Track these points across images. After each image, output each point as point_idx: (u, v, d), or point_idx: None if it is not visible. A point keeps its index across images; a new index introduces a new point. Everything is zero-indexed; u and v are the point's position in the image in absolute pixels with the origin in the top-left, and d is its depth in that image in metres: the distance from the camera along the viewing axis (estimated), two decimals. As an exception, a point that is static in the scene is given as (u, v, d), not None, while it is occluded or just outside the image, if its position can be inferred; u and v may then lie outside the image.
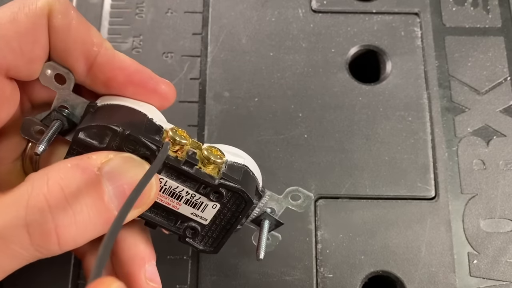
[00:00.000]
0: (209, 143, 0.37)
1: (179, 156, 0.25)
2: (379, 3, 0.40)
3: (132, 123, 0.25)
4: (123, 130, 0.24)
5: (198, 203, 0.27)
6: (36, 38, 0.24)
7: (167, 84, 0.28)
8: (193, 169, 0.25)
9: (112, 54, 0.26)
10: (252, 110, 0.37)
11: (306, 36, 0.40)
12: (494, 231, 0.35)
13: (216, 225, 0.28)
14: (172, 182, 0.26)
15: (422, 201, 0.35)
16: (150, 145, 0.25)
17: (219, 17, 0.40)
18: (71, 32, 0.25)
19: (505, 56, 0.39)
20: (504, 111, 0.38)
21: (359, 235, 0.34)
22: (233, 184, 0.26)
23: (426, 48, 0.39)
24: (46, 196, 0.22)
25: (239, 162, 0.27)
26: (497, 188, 0.36)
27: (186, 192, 0.26)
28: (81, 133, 0.25)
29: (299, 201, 0.29)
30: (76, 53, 0.25)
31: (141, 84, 0.27)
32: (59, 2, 0.25)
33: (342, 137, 0.37)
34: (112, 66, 0.26)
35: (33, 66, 0.25)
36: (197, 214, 0.27)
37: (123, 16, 0.40)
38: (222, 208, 0.27)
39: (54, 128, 0.26)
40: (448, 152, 0.37)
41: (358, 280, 0.34)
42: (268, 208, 0.29)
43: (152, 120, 0.26)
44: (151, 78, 0.27)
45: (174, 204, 0.27)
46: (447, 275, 0.34)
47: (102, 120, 0.25)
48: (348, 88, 0.38)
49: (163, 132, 0.26)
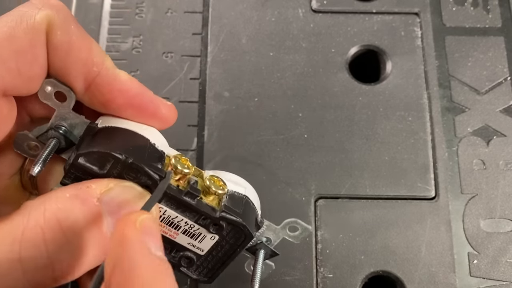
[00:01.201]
0: (209, 143, 0.37)
1: (180, 185, 0.24)
2: (379, 3, 0.40)
3: (134, 149, 0.24)
4: (126, 158, 0.23)
5: (196, 234, 0.26)
6: (34, 56, 0.23)
7: (168, 107, 0.26)
8: (195, 200, 0.25)
9: (113, 74, 0.25)
10: (252, 110, 0.37)
11: (306, 36, 0.40)
12: (494, 231, 0.35)
13: (212, 256, 0.27)
14: (171, 212, 0.25)
15: (422, 201, 0.35)
16: (153, 175, 0.24)
17: (219, 17, 0.40)
18: (71, 51, 0.24)
19: (505, 56, 0.39)
20: (504, 111, 0.38)
21: (359, 235, 0.34)
22: (235, 217, 0.25)
23: (426, 48, 0.39)
24: (43, 229, 0.21)
25: (240, 192, 0.27)
26: (497, 188, 0.36)
27: (185, 222, 0.25)
28: (81, 158, 0.24)
29: (297, 233, 0.28)
30: (75, 73, 0.24)
31: (141, 107, 0.25)
32: (59, 15, 0.23)
33: (342, 137, 0.37)
34: (112, 87, 0.25)
35: (31, 84, 0.24)
36: (194, 245, 0.27)
37: (123, 16, 0.40)
38: (220, 240, 0.26)
39: (51, 147, 0.25)
40: (448, 152, 0.37)
41: (358, 280, 0.34)
42: (264, 238, 0.28)
43: (154, 145, 0.25)
44: (152, 101, 0.26)
45: (171, 233, 0.26)
46: (447, 275, 0.34)
47: (103, 145, 0.24)
48: (348, 88, 0.38)
49: (165, 159, 0.25)
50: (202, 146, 0.36)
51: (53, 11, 0.23)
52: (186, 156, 0.36)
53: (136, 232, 0.19)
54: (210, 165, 0.36)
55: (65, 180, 0.24)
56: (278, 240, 0.28)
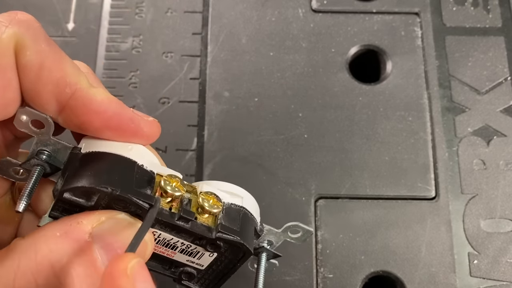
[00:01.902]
0: (209, 143, 0.37)
1: (173, 208, 0.24)
2: (379, 3, 0.40)
3: (121, 177, 0.23)
4: (112, 191, 0.22)
5: (194, 252, 0.25)
6: (6, 81, 0.21)
7: (149, 123, 0.25)
8: (189, 223, 0.24)
9: (88, 95, 0.23)
10: (252, 110, 0.37)
11: (306, 36, 0.40)
12: (495, 231, 0.35)
13: (213, 270, 0.27)
14: (167, 235, 0.24)
15: (423, 201, 0.35)
16: (141, 204, 0.23)
17: (219, 17, 0.40)
18: (42, 72, 0.22)
19: (505, 56, 0.39)
20: (505, 111, 0.38)
21: (359, 235, 0.34)
22: (231, 237, 0.24)
23: (427, 48, 0.39)
24: (34, 274, 0.20)
25: (237, 204, 0.25)
26: (497, 188, 0.36)
27: (181, 243, 0.25)
28: (66, 194, 0.23)
29: (299, 235, 0.28)
30: (46, 95, 0.22)
31: (120, 128, 0.24)
32: (28, 32, 0.21)
33: (342, 137, 0.37)
34: (87, 109, 0.23)
35: (7, 109, 0.22)
36: (193, 261, 0.26)
37: (123, 16, 0.40)
38: (219, 256, 0.25)
39: (35, 177, 0.24)
40: (448, 152, 0.36)
41: (358, 280, 0.33)
42: (266, 241, 0.28)
43: (142, 167, 0.24)
44: (131, 120, 0.24)
45: (168, 253, 0.25)
46: (448, 275, 0.34)
47: (87, 178, 0.22)
48: (348, 88, 0.38)
49: (154, 181, 0.24)
50: (202, 146, 0.36)
51: (22, 28, 0.21)
52: (186, 156, 0.36)
53: (129, 281, 0.19)
54: (210, 165, 0.36)
55: (53, 212, 0.23)
56: (280, 242, 0.28)
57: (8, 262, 0.21)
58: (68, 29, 0.40)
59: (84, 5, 0.40)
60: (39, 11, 0.40)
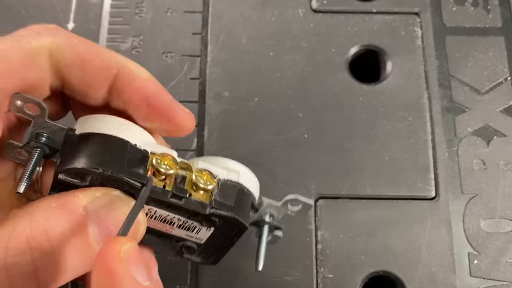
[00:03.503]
0: (209, 143, 0.37)
1: (166, 185, 0.24)
2: (379, 3, 0.40)
3: (113, 157, 0.23)
4: (103, 171, 0.23)
5: (191, 227, 0.26)
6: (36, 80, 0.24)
7: (185, 114, 0.26)
8: (182, 200, 0.24)
9: (132, 73, 0.25)
10: (252, 110, 0.37)
11: (306, 36, 0.39)
12: (495, 231, 0.35)
13: (212, 243, 0.27)
14: (162, 211, 0.25)
15: (423, 201, 0.35)
16: (133, 183, 0.23)
17: (219, 17, 0.40)
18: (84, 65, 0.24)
19: (505, 56, 0.39)
20: (505, 111, 0.38)
21: (359, 235, 0.34)
22: (225, 213, 0.25)
23: (427, 48, 0.39)
24: (28, 238, 0.21)
25: (233, 180, 0.26)
26: (497, 188, 0.36)
27: (178, 219, 0.25)
28: (61, 175, 0.23)
29: (299, 207, 0.28)
30: (96, 84, 0.25)
31: (158, 109, 0.25)
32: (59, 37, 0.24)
33: (342, 137, 0.37)
34: (131, 86, 0.25)
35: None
36: (191, 236, 0.26)
37: (123, 16, 0.40)
38: (216, 231, 0.26)
39: (34, 159, 0.25)
40: (448, 152, 0.36)
41: (358, 280, 0.33)
42: (267, 214, 0.28)
43: (135, 146, 0.24)
44: (169, 104, 0.26)
45: (167, 228, 0.26)
46: (448, 275, 0.34)
47: (79, 159, 0.23)
48: (348, 88, 0.38)
49: (148, 160, 0.24)
50: (202, 146, 0.36)
51: (52, 35, 0.24)
52: (186, 156, 0.36)
53: (123, 265, 0.19)
54: (210, 165, 0.36)
55: (52, 192, 0.24)
56: (281, 215, 0.28)
57: (4, 227, 0.21)
58: (68, 29, 0.40)
59: (84, 5, 0.40)
60: (39, 11, 0.40)
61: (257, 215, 0.28)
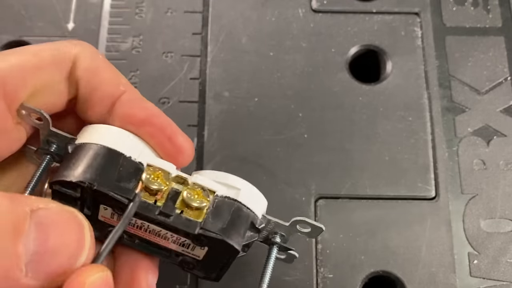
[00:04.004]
0: (209, 143, 0.37)
1: (158, 200, 0.23)
2: (379, 3, 0.40)
3: (103, 170, 0.23)
4: (90, 185, 0.22)
5: (186, 244, 0.25)
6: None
7: (185, 138, 0.26)
8: (170, 218, 0.23)
9: (138, 95, 0.27)
10: (252, 110, 0.37)
11: (306, 36, 0.40)
12: (495, 231, 0.35)
13: (210, 261, 0.26)
14: (155, 226, 0.24)
15: (423, 201, 0.35)
16: (119, 199, 0.23)
17: (219, 17, 0.40)
18: (99, 73, 0.26)
19: (505, 56, 0.39)
20: (505, 111, 0.38)
21: (359, 235, 0.34)
22: (213, 235, 0.23)
23: (427, 48, 0.39)
24: None
25: (231, 197, 0.25)
26: (497, 188, 0.36)
27: (171, 234, 0.24)
28: (54, 186, 0.24)
29: (308, 230, 0.27)
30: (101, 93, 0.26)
31: (159, 127, 0.26)
32: (86, 49, 0.26)
33: (342, 137, 0.37)
34: (135, 104, 0.26)
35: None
36: (188, 252, 0.26)
37: (123, 16, 0.40)
38: (210, 250, 0.25)
39: (41, 167, 0.26)
40: (448, 152, 0.37)
41: (358, 280, 0.33)
42: (278, 234, 0.27)
43: (130, 158, 0.24)
44: (171, 126, 0.26)
45: (163, 242, 0.25)
46: (447, 275, 0.34)
47: (69, 171, 0.23)
48: (348, 88, 0.38)
49: (142, 172, 0.24)
50: (202, 146, 0.36)
51: (83, 46, 0.26)
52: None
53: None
54: (210, 165, 0.36)
55: (54, 199, 0.24)
56: (291, 236, 0.27)
57: None
58: (68, 29, 0.40)
59: (84, 5, 0.40)
60: (39, 11, 0.40)
61: (261, 235, 0.27)
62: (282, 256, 0.28)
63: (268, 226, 0.26)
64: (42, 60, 0.25)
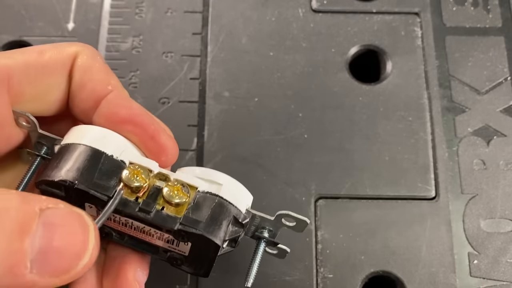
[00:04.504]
0: (209, 143, 0.37)
1: (139, 197, 0.24)
2: (379, 3, 0.40)
3: (84, 169, 0.24)
4: (70, 184, 0.23)
5: (170, 240, 0.25)
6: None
7: (169, 137, 0.27)
8: (150, 214, 0.24)
9: (124, 96, 0.27)
10: (252, 110, 0.37)
11: (306, 36, 0.40)
12: (495, 231, 0.35)
13: (195, 256, 0.26)
14: (138, 223, 0.24)
15: (423, 201, 0.35)
16: (99, 196, 0.23)
17: (219, 17, 0.40)
18: (91, 70, 0.27)
19: (505, 56, 0.39)
20: (505, 111, 0.38)
21: (359, 235, 0.34)
22: (193, 230, 0.24)
23: (427, 48, 0.39)
24: None
25: (213, 192, 0.25)
26: (497, 188, 0.36)
27: (155, 231, 0.25)
28: (40, 186, 0.24)
29: (294, 223, 0.27)
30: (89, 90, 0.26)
31: (141, 126, 0.26)
32: (86, 49, 0.27)
33: (342, 137, 0.37)
34: (119, 103, 0.26)
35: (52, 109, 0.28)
36: (174, 248, 0.26)
37: (123, 16, 0.40)
38: (193, 246, 0.25)
39: (33, 168, 0.26)
40: (448, 152, 0.36)
41: (358, 280, 0.33)
42: (265, 229, 0.27)
43: (111, 157, 0.24)
44: (153, 124, 0.26)
45: (149, 239, 0.25)
46: (447, 275, 0.34)
47: (52, 171, 0.24)
48: (348, 88, 0.38)
49: (125, 169, 0.24)
50: (202, 146, 0.36)
51: (84, 47, 0.27)
52: (186, 156, 0.36)
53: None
54: (210, 165, 0.36)
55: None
56: (279, 230, 0.27)
57: None
58: (68, 29, 0.40)
59: (84, 5, 0.40)
60: (39, 11, 0.40)
61: (250, 230, 0.27)
62: (273, 251, 0.28)
63: (254, 221, 0.27)
64: (46, 58, 0.26)
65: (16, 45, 0.39)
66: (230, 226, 0.25)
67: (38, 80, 0.26)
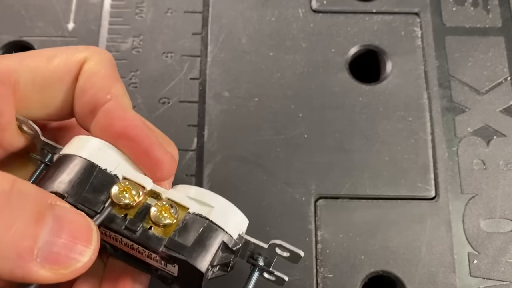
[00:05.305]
0: (209, 143, 0.37)
1: (128, 214, 0.23)
2: (379, 3, 0.40)
3: (77, 181, 0.23)
4: (61, 196, 0.23)
5: (158, 260, 0.24)
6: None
7: (164, 152, 0.25)
8: (136, 233, 0.23)
9: (121, 105, 0.26)
10: (252, 110, 0.37)
11: (306, 36, 0.40)
12: (494, 231, 0.35)
13: (186, 277, 0.25)
14: (126, 240, 0.24)
15: (422, 201, 0.35)
16: (87, 211, 0.23)
17: (219, 17, 0.40)
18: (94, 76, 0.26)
19: (505, 56, 0.39)
20: (504, 111, 0.38)
21: (359, 235, 0.34)
22: (176, 254, 0.23)
23: (426, 48, 0.39)
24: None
25: (203, 215, 0.24)
26: (497, 188, 0.36)
27: (143, 249, 0.24)
28: None
29: (288, 254, 0.26)
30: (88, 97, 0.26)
31: (135, 140, 0.25)
32: (96, 55, 0.26)
33: (342, 137, 0.37)
34: (114, 114, 0.25)
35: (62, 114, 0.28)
36: (163, 268, 0.25)
37: (123, 16, 0.40)
38: (180, 268, 0.24)
39: (36, 174, 0.27)
40: (448, 152, 0.37)
41: (358, 280, 0.33)
42: (261, 257, 0.26)
43: (105, 171, 0.24)
44: (148, 138, 0.25)
45: (139, 255, 0.25)
46: (447, 275, 0.34)
47: (46, 181, 0.24)
48: (348, 88, 0.38)
49: (115, 184, 0.24)
50: (202, 146, 0.36)
51: (95, 52, 0.27)
52: (186, 156, 0.36)
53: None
54: (210, 165, 0.36)
55: None
56: (275, 258, 0.26)
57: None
58: (68, 29, 0.40)
59: (84, 5, 0.40)
60: (39, 11, 0.40)
61: (246, 255, 0.26)
62: (271, 278, 0.27)
63: (250, 246, 0.25)
64: (54, 65, 0.26)
65: (16, 45, 0.39)
66: (220, 252, 0.24)
67: (44, 86, 0.26)
